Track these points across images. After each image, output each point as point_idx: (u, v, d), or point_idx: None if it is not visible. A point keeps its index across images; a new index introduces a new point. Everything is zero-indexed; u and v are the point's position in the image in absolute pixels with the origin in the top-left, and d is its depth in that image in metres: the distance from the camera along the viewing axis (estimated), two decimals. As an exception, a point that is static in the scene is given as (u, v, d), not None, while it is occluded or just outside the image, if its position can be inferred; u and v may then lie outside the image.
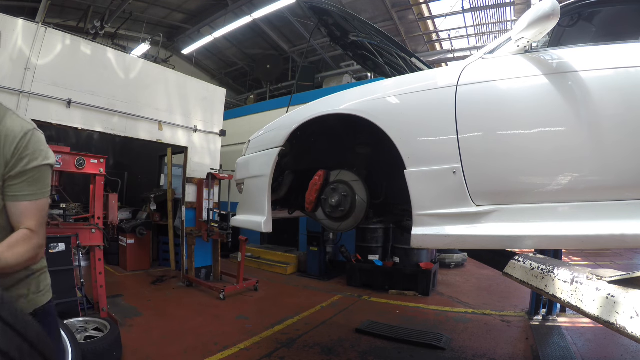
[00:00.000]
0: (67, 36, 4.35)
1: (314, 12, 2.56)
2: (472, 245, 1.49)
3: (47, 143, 1.24)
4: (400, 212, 2.19)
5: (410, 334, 3.45)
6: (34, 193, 1.12)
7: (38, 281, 1.24)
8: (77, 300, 3.20)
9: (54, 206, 4.62)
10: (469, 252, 2.18)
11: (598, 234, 1.27)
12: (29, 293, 1.19)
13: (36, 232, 1.10)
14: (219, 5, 8.64)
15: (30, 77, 3.93)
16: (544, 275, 1.29)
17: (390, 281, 5.25)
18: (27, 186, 1.10)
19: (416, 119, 1.64)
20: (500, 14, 7.81)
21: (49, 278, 1.30)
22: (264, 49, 10.63)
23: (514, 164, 1.45)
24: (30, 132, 1.13)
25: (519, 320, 3.93)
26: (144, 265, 6.32)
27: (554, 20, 1.32)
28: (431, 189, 1.55)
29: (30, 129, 1.13)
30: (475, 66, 1.59)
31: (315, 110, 1.97)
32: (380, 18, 8.32)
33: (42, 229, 1.15)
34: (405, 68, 2.66)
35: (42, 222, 1.15)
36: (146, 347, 3.16)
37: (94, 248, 3.53)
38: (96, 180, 3.62)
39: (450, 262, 6.82)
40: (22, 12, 6.73)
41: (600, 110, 1.33)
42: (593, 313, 1.07)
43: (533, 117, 1.42)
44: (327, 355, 3.08)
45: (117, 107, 4.68)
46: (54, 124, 4.11)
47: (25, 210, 1.10)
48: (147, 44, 8.76)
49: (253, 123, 7.67)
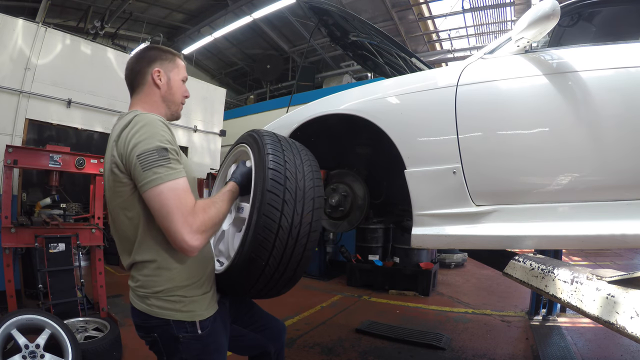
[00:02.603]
0: (67, 36, 4.36)
1: (314, 12, 2.56)
2: (472, 245, 1.49)
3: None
4: (400, 212, 2.19)
5: (410, 334, 3.45)
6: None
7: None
8: (77, 300, 3.20)
9: (54, 206, 4.62)
10: (469, 252, 2.18)
11: (598, 234, 1.27)
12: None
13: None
14: (219, 5, 8.65)
15: (30, 77, 3.94)
16: (544, 275, 1.29)
17: (390, 281, 5.24)
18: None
19: (416, 119, 1.64)
20: (500, 14, 7.81)
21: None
22: (264, 49, 10.63)
23: (514, 164, 1.45)
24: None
25: (519, 320, 3.93)
26: (144, 265, 6.30)
27: (554, 20, 1.32)
28: (431, 189, 1.55)
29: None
30: (475, 66, 1.59)
31: (315, 110, 1.97)
32: (380, 18, 8.33)
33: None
34: (405, 68, 2.65)
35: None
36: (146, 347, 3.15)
37: (94, 248, 3.53)
38: (96, 180, 3.62)
39: (450, 262, 6.82)
40: (22, 12, 6.73)
41: (600, 110, 1.33)
42: (593, 313, 1.06)
43: (533, 117, 1.42)
44: (327, 355, 3.08)
45: (117, 107, 4.69)
46: (54, 124, 4.12)
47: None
48: (147, 44, 8.76)
49: (253, 123, 7.67)
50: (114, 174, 1.05)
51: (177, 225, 0.98)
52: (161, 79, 1.23)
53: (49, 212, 4.25)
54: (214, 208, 1.09)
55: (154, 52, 1.26)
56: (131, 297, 1.15)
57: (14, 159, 3.12)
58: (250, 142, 1.41)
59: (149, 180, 0.99)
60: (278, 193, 1.21)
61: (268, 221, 1.18)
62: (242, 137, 1.58)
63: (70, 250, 3.28)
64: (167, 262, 1.09)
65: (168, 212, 0.98)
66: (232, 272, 1.25)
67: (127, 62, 1.26)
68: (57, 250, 3.21)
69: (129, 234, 1.11)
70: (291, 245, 1.23)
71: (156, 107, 1.23)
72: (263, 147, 1.30)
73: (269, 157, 1.25)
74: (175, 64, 1.28)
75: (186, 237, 0.98)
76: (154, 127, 1.04)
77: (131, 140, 1.02)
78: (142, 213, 1.07)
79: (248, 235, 1.19)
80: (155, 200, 0.99)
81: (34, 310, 2.62)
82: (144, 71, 1.22)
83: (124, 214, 1.09)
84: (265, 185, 1.20)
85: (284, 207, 1.21)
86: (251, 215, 1.21)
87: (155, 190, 0.99)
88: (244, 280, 1.25)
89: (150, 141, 1.01)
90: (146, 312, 1.10)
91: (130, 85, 1.25)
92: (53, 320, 2.48)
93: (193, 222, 1.00)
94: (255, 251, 1.18)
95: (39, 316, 2.47)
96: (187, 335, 1.09)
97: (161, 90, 1.23)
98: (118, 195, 1.08)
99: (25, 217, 3.61)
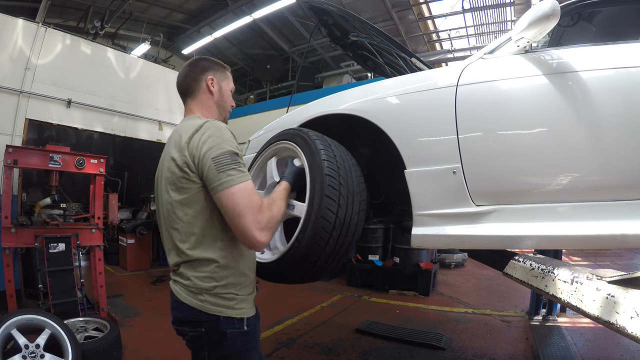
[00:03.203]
0: (67, 36, 4.36)
1: (314, 12, 2.56)
2: (472, 245, 1.49)
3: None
4: (400, 212, 2.19)
5: (410, 334, 3.45)
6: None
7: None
8: (77, 300, 3.20)
9: (54, 206, 4.62)
10: (469, 252, 2.18)
11: (598, 234, 1.27)
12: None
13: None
14: (219, 5, 8.65)
15: (30, 77, 3.94)
16: (544, 275, 1.29)
17: (390, 281, 5.25)
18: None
19: (416, 119, 1.64)
20: (500, 14, 7.81)
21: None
22: (264, 49, 10.63)
23: (514, 163, 1.45)
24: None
25: (519, 320, 3.93)
26: (144, 265, 6.31)
27: (554, 20, 1.32)
28: (431, 189, 1.55)
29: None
30: (475, 66, 1.59)
31: (315, 110, 1.97)
32: (380, 18, 8.33)
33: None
34: (405, 68, 2.65)
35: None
36: (146, 347, 3.16)
37: (94, 248, 3.53)
38: (96, 180, 3.62)
39: (450, 262, 6.82)
40: (22, 12, 6.72)
41: (600, 110, 1.33)
42: (593, 313, 1.06)
43: (533, 117, 1.42)
44: (327, 355, 3.08)
45: (117, 107, 4.69)
46: (54, 124, 4.12)
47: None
48: (147, 44, 8.76)
49: (253, 123, 7.65)
50: (183, 172, 1.12)
51: (248, 223, 1.08)
52: (214, 86, 1.33)
53: (49, 212, 4.25)
54: (276, 206, 1.20)
55: (208, 62, 1.36)
56: (178, 292, 1.20)
57: (14, 159, 3.12)
58: (300, 143, 1.52)
59: (224, 182, 1.08)
60: (334, 198, 1.37)
61: (325, 223, 1.34)
62: (284, 134, 1.68)
63: (70, 250, 3.28)
64: (226, 261, 1.16)
65: (240, 211, 1.08)
66: (284, 263, 1.41)
67: (182, 70, 1.36)
68: (57, 250, 3.21)
69: (185, 231, 1.16)
70: (340, 243, 1.41)
71: (211, 112, 1.34)
72: (318, 152, 1.43)
73: (325, 164, 1.40)
74: (226, 75, 1.40)
75: (255, 234, 1.08)
76: (224, 133, 1.14)
77: (204, 143, 1.11)
78: (204, 211, 1.14)
79: (305, 233, 1.34)
80: (228, 200, 1.08)
81: (34, 310, 2.62)
82: (198, 78, 1.32)
83: (182, 211, 1.15)
84: (324, 190, 1.35)
85: (338, 210, 1.37)
86: (309, 216, 1.35)
87: (229, 191, 1.08)
88: (294, 271, 1.43)
89: (223, 145, 1.11)
90: (197, 307, 1.15)
91: (185, 91, 1.34)
92: (53, 320, 2.48)
93: (261, 220, 1.10)
94: (311, 248, 1.34)
95: (39, 316, 2.47)
96: (234, 331, 1.16)
97: (214, 97, 1.34)
98: (182, 191, 1.14)
99: (25, 217, 3.62)
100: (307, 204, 1.37)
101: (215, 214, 1.15)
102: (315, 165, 1.40)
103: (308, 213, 1.36)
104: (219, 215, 1.15)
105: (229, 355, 1.17)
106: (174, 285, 1.23)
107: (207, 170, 1.09)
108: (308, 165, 1.43)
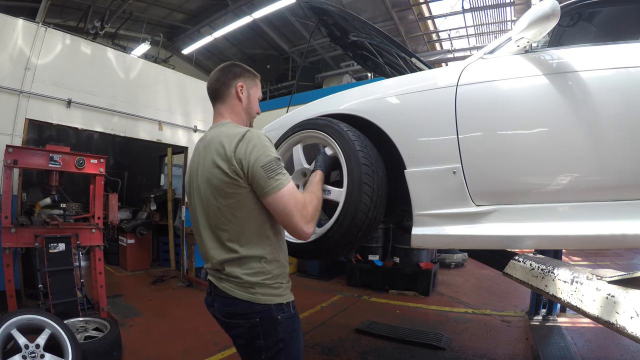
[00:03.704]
0: (67, 36, 4.36)
1: (314, 12, 2.56)
2: (472, 245, 1.49)
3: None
4: (400, 212, 2.19)
5: (410, 334, 3.45)
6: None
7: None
8: (77, 300, 3.20)
9: (54, 206, 4.62)
10: (469, 252, 2.18)
11: (599, 234, 1.27)
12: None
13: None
14: (219, 5, 8.64)
15: (30, 77, 3.93)
16: (544, 275, 1.29)
17: (390, 281, 5.25)
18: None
19: (416, 119, 1.64)
20: (500, 14, 7.81)
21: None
22: (264, 49, 10.63)
23: (514, 163, 1.45)
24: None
25: (519, 320, 3.93)
26: (144, 265, 6.32)
27: (554, 20, 1.32)
28: (431, 189, 1.55)
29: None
30: (475, 66, 1.59)
31: (315, 110, 1.97)
32: (380, 18, 8.33)
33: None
34: (405, 68, 2.65)
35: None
36: (146, 347, 3.16)
37: (94, 248, 3.53)
38: (96, 180, 3.62)
39: (450, 262, 6.82)
40: (22, 12, 6.73)
41: (600, 110, 1.33)
42: (593, 313, 1.07)
43: (533, 117, 1.43)
44: (327, 355, 3.09)
45: (117, 107, 4.69)
46: (54, 124, 4.11)
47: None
48: (147, 44, 8.76)
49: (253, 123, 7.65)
50: (232, 179, 1.21)
51: (297, 219, 1.22)
52: (243, 92, 1.41)
53: (49, 212, 4.25)
54: (315, 198, 1.33)
55: (239, 69, 1.43)
56: (228, 288, 1.28)
57: (14, 159, 3.12)
58: (333, 134, 1.64)
59: (274, 186, 1.20)
60: (370, 184, 1.54)
61: (364, 206, 1.52)
62: (312, 123, 1.77)
63: (70, 250, 3.28)
64: (272, 256, 1.28)
65: (290, 211, 1.21)
66: (321, 244, 1.58)
67: (213, 74, 1.43)
68: (57, 250, 3.21)
69: (235, 231, 1.25)
70: (371, 223, 1.58)
71: (240, 117, 1.42)
72: (352, 143, 1.58)
73: (360, 154, 1.56)
74: (255, 83, 1.47)
75: (304, 228, 1.23)
76: (265, 140, 1.26)
77: (252, 153, 1.21)
78: (253, 213, 1.25)
79: (345, 217, 1.52)
80: (278, 202, 1.21)
81: (34, 310, 2.62)
82: (229, 83, 1.40)
83: (231, 213, 1.24)
84: (362, 178, 1.52)
85: (372, 195, 1.54)
86: (349, 200, 1.52)
87: (278, 194, 1.20)
88: (331, 249, 1.61)
89: (269, 153, 1.22)
90: (250, 300, 1.25)
91: (215, 95, 1.42)
92: (53, 320, 2.48)
93: (307, 215, 1.24)
94: (351, 229, 1.53)
95: (39, 316, 2.47)
96: (285, 315, 1.28)
97: (242, 103, 1.42)
98: (231, 196, 1.23)
99: (25, 217, 3.62)
100: (346, 190, 1.54)
101: (263, 214, 1.26)
102: (352, 154, 1.56)
103: (348, 197, 1.53)
104: (267, 215, 1.26)
105: (283, 338, 1.27)
106: (221, 282, 1.30)
107: (257, 177, 1.20)
108: (344, 155, 1.58)
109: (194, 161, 1.38)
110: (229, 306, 1.29)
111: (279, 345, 1.27)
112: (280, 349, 1.27)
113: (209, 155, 1.28)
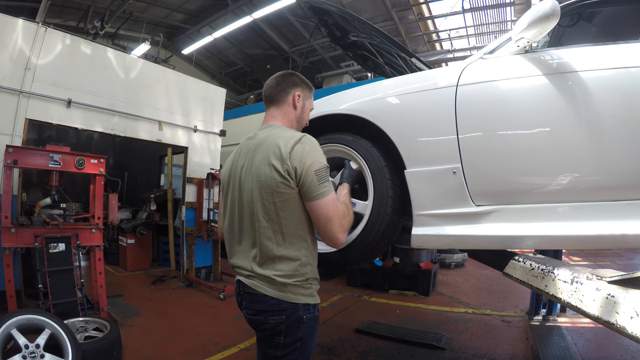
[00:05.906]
0: (67, 36, 4.35)
1: (314, 12, 2.56)
2: (472, 245, 1.50)
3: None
4: (400, 212, 2.19)
5: (410, 334, 3.45)
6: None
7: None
8: (77, 300, 3.20)
9: (54, 206, 4.62)
10: (469, 252, 2.18)
11: (599, 234, 1.27)
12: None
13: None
14: (219, 5, 8.65)
15: (30, 77, 3.93)
16: (544, 275, 1.29)
17: (390, 281, 5.25)
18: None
19: (416, 119, 1.64)
20: (500, 14, 7.81)
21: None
22: (264, 49, 10.63)
23: (514, 164, 1.45)
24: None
25: (519, 320, 3.93)
26: (144, 265, 6.31)
27: (554, 20, 1.32)
28: (431, 189, 1.55)
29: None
30: (475, 66, 1.59)
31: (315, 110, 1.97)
32: (380, 18, 8.33)
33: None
34: (405, 68, 2.65)
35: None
36: (146, 347, 3.16)
37: (94, 248, 3.52)
38: (96, 180, 3.62)
39: (450, 262, 6.82)
40: (22, 12, 6.73)
41: (600, 110, 1.33)
42: (593, 313, 1.07)
43: (533, 117, 1.43)
44: (327, 355, 3.08)
45: (117, 107, 4.68)
46: (54, 124, 4.11)
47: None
48: (147, 44, 8.76)
49: (253, 123, 7.66)
50: (284, 179, 1.24)
51: (336, 227, 1.27)
52: (299, 102, 1.46)
53: (49, 212, 4.25)
54: (348, 210, 1.38)
55: (298, 79, 1.48)
56: (259, 285, 1.31)
57: (14, 159, 3.12)
58: (360, 150, 1.73)
59: (321, 192, 1.25)
60: (393, 197, 1.65)
61: (388, 219, 1.63)
62: (338, 138, 1.83)
63: (70, 250, 3.28)
64: (307, 259, 1.34)
65: (331, 218, 1.26)
66: (347, 253, 1.69)
67: (273, 79, 1.48)
68: (57, 250, 3.21)
69: (272, 229, 1.28)
70: (392, 233, 1.71)
71: (291, 124, 1.46)
72: (378, 159, 1.68)
73: (385, 170, 1.67)
74: (311, 95, 1.53)
75: (339, 236, 1.29)
76: (318, 148, 1.31)
77: (307, 157, 1.25)
78: (295, 214, 1.29)
79: (371, 229, 1.65)
80: (322, 207, 1.25)
81: (34, 310, 2.62)
82: (287, 90, 1.44)
83: (275, 212, 1.27)
84: (387, 192, 1.65)
85: (394, 206, 1.65)
86: (376, 213, 1.64)
87: (324, 200, 1.25)
88: (355, 258, 1.73)
89: (321, 160, 1.28)
90: (281, 298, 1.29)
91: (272, 98, 1.45)
92: (53, 320, 2.48)
93: (344, 224, 1.31)
94: (375, 239, 1.65)
95: (39, 316, 2.47)
96: (309, 315, 1.34)
97: (296, 112, 1.46)
98: (279, 195, 1.26)
99: (25, 217, 3.61)
100: (372, 203, 1.66)
101: (304, 218, 1.30)
102: (378, 170, 1.67)
103: (374, 210, 1.65)
104: (307, 219, 1.30)
105: (301, 338, 1.31)
106: (250, 279, 1.33)
107: (309, 181, 1.24)
108: (370, 170, 1.69)
109: (239, 157, 1.40)
110: (259, 303, 1.31)
111: (296, 345, 1.31)
112: (297, 348, 1.31)
113: (260, 153, 1.30)
